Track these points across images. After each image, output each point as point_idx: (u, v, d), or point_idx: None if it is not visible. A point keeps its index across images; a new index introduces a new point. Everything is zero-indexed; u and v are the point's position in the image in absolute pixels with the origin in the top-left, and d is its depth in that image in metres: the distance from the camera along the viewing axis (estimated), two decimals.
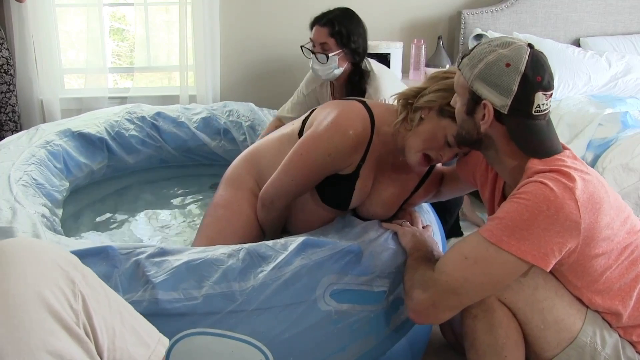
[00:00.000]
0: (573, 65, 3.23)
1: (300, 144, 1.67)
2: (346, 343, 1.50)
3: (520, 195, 1.31)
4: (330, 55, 2.34)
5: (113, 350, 0.84)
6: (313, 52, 2.38)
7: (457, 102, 1.46)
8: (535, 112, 1.34)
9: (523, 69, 1.32)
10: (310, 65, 2.43)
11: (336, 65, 2.37)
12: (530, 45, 1.37)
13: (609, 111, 2.76)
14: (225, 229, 1.78)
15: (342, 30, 2.35)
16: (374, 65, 2.48)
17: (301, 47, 2.42)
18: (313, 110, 1.78)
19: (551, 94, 1.36)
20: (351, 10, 2.44)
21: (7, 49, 3.03)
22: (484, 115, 1.37)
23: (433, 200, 1.92)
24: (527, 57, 1.33)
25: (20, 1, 3.08)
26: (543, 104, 1.34)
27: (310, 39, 2.41)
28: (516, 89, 1.32)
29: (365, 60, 2.46)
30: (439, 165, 1.81)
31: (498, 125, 1.38)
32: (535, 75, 1.33)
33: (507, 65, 1.33)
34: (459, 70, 1.43)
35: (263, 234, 1.86)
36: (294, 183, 1.69)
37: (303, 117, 1.79)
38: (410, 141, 1.60)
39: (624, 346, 1.42)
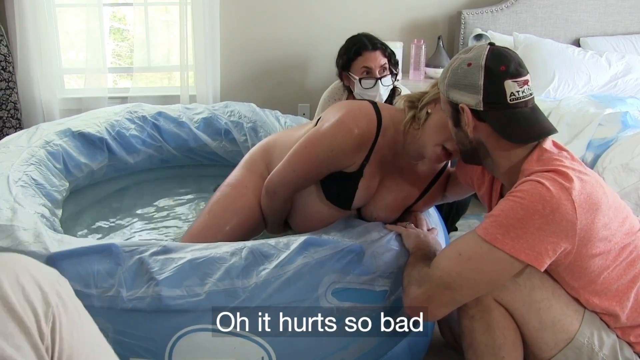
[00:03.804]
0: (573, 65, 3.23)
1: (306, 137, 1.69)
2: (347, 342, 1.50)
3: (516, 193, 1.31)
4: (393, 74, 2.34)
5: None
6: (378, 78, 2.31)
7: (448, 121, 1.48)
8: (511, 100, 1.35)
9: (483, 63, 1.35)
10: (377, 92, 2.32)
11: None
12: (491, 44, 1.40)
13: (609, 111, 2.76)
14: (228, 208, 1.83)
15: (390, 50, 2.37)
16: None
17: (359, 79, 2.33)
18: None
19: (525, 81, 1.37)
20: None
21: (7, 45, 3.02)
22: (467, 119, 1.39)
23: (439, 202, 1.92)
24: (486, 53, 1.37)
25: None
26: (518, 91, 1.35)
27: (363, 67, 2.33)
28: (482, 83, 1.35)
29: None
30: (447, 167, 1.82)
31: (481, 125, 1.39)
32: (498, 65, 1.35)
33: (469, 64, 1.37)
34: (439, 88, 1.48)
35: (264, 222, 1.88)
36: (295, 174, 1.71)
37: (320, 116, 1.80)
38: (424, 137, 1.60)
39: (622, 347, 1.42)
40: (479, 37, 3.41)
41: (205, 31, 3.37)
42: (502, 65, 1.35)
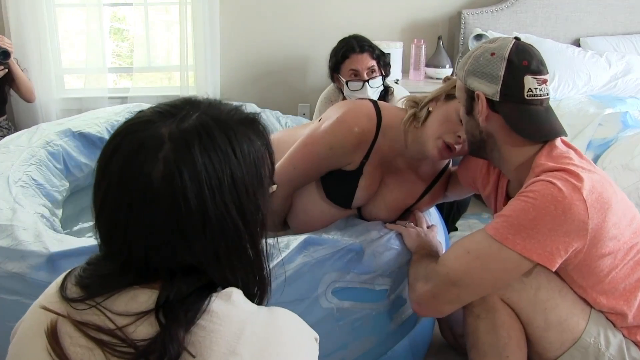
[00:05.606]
0: (573, 65, 3.23)
1: (307, 135, 1.70)
2: (348, 340, 1.50)
3: (528, 193, 1.30)
4: (383, 76, 2.37)
5: None
6: (366, 80, 2.35)
7: (460, 109, 1.48)
8: (528, 96, 1.35)
9: (507, 55, 1.36)
10: (365, 94, 2.35)
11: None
12: (516, 38, 1.40)
13: (609, 111, 2.77)
14: None
15: (379, 52, 2.39)
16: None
17: (346, 81, 2.38)
18: None
19: (544, 80, 1.37)
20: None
21: None
22: (480, 108, 1.39)
23: (439, 202, 1.92)
24: (511, 46, 1.37)
25: (29, 101, 3.08)
26: (536, 88, 1.35)
27: (351, 69, 2.37)
28: (503, 74, 1.35)
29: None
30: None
31: (494, 115, 1.39)
32: (521, 60, 1.35)
33: (492, 54, 1.38)
34: (456, 75, 1.47)
35: None
36: (295, 172, 1.72)
37: (319, 117, 1.81)
38: (425, 133, 1.60)
39: (629, 346, 1.41)
40: (479, 37, 3.41)
41: (205, 31, 3.37)
42: (524, 60, 1.35)
